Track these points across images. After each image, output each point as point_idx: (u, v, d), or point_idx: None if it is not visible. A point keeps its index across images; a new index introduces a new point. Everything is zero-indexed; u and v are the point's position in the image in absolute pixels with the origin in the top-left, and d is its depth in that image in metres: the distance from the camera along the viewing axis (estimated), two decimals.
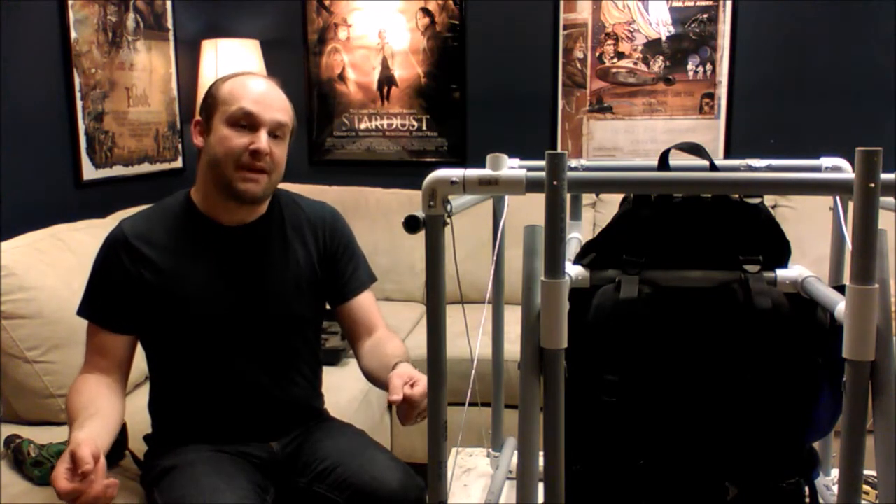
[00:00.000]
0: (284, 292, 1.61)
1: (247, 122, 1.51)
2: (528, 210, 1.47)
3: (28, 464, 1.61)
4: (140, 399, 2.01)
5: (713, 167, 1.29)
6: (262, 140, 1.50)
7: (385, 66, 3.42)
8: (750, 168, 1.48)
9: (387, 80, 3.43)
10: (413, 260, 3.13)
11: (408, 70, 3.40)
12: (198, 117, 1.58)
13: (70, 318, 1.95)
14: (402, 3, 3.35)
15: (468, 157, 3.38)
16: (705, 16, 3.15)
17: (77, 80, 2.57)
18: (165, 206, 1.62)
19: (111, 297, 1.56)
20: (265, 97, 1.54)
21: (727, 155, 3.20)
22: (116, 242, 1.56)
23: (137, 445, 1.67)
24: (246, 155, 1.50)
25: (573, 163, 1.47)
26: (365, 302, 1.72)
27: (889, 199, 1.18)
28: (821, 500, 1.40)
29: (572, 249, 1.42)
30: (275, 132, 1.53)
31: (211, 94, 1.56)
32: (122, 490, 1.62)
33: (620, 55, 3.24)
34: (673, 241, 1.22)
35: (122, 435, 1.71)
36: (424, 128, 3.44)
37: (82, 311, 1.59)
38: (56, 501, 1.54)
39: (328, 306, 1.72)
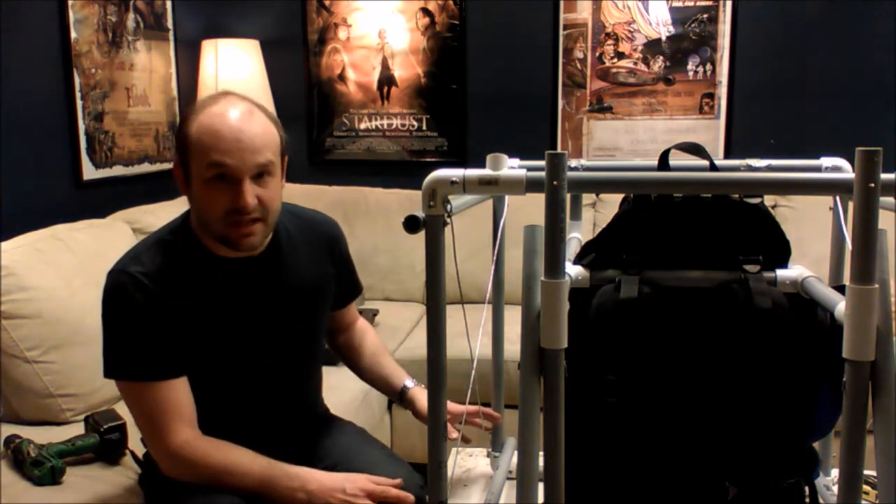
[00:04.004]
0: (303, 312, 1.57)
1: (223, 174, 1.35)
2: (528, 210, 1.47)
3: (28, 464, 1.61)
4: None
5: (713, 167, 1.29)
6: (245, 196, 1.34)
7: (385, 66, 3.42)
8: (750, 168, 1.48)
9: (387, 80, 3.43)
10: (413, 260, 3.13)
11: (408, 70, 3.40)
12: (176, 159, 1.43)
13: (70, 318, 1.95)
14: (402, 3, 3.35)
15: (468, 157, 3.38)
16: (705, 16, 3.15)
17: (77, 80, 2.57)
18: (165, 243, 1.46)
19: (149, 342, 1.39)
20: (239, 141, 1.34)
21: (727, 155, 3.20)
22: (128, 285, 1.38)
23: (138, 445, 1.67)
24: (231, 212, 1.36)
25: (573, 163, 1.47)
26: (351, 306, 1.78)
27: (889, 199, 1.18)
28: (821, 500, 1.40)
29: (572, 249, 1.42)
30: (260, 172, 1.38)
31: (183, 135, 1.39)
32: (123, 490, 1.62)
33: (620, 55, 3.24)
34: (673, 241, 1.22)
35: (122, 434, 1.72)
36: (424, 128, 3.44)
37: (123, 373, 1.40)
38: (56, 501, 1.55)
39: None
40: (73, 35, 2.55)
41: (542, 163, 1.05)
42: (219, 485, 1.39)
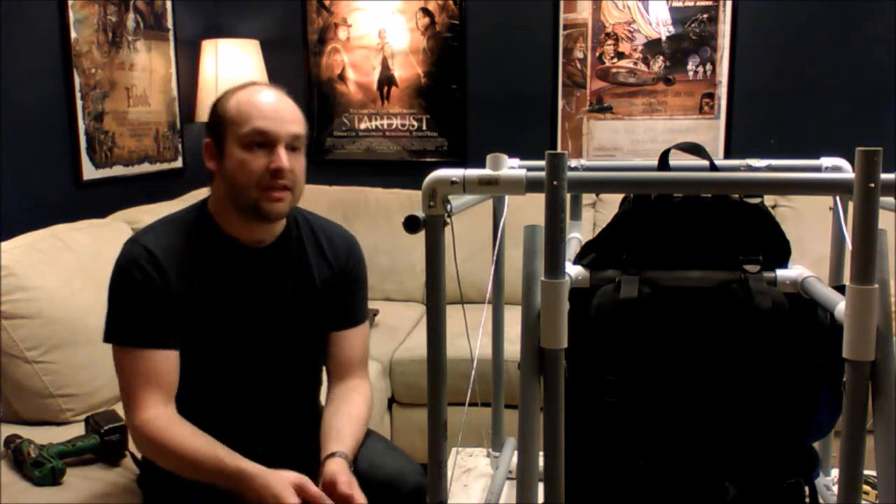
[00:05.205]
0: (306, 313, 1.58)
1: (262, 140, 1.44)
2: (528, 210, 1.47)
3: (28, 464, 1.61)
4: None
5: (713, 167, 1.29)
6: (282, 158, 1.44)
7: (385, 66, 3.42)
8: (750, 168, 1.48)
9: (387, 80, 3.43)
10: (413, 260, 3.13)
11: (408, 70, 3.40)
12: (207, 139, 1.51)
13: (70, 318, 1.95)
14: (402, 3, 3.35)
15: (468, 157, 3.38)
16: (705, 16, 3.15)
17: (77, 80, 2.57)
18: (183, 222, 1.53)
19: (149, 312, 1.44)
20: (277, 111, 1.46)
21: (727, 155, 3.20)
22: (139, 257, 1.45)
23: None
24: (267, 176, 1.44)
25: (573, 163, 1.47)
26: (355, 338, 1.64)
27: (889, 199, 1.18)
28: (821, 500, 1.40)
29: (572, 249, 1.42)
30: (292, 145, 1.47)
31: (217, 113, 1.49)
32: (122, 491, 1.62)
33: (620, 55, 3.23)
34: (673, 241, 1.22)
35: (122, 435, 1.71)
36: (424, 128, 3.44)
37: (119, 337, 1.46)
38: (56, 502, 1.55)
39: None
40: (73, 35, 2.55)
41: (542, 163, 1.05)
42: (175, 468, 1.41)
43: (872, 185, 0.96)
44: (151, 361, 1.44)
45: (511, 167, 1.20)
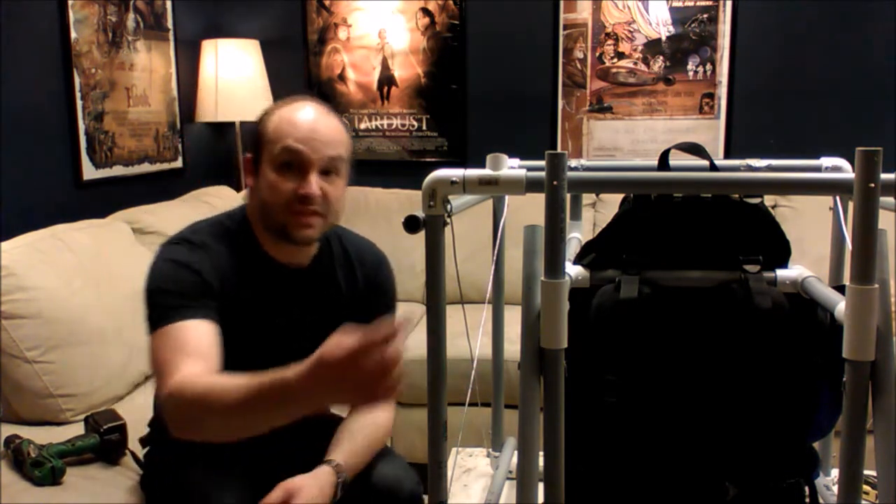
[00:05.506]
0: (335, 327, 1.56)
1: (294, 161, 1.39)
2: (528, 210, 1.47)
3: (28, 464, 1.61)
4: (139, 399, 2.02)
5: (713, 167, 1.29)
6: (311, 184, 1.38)
7: (385, 66, 3.42)
8: (750, 168, 1.48)
9: (387, 80, 3.43)
10: (413, 260, 3.13)
11: (408, 70, 3.40)
12: (248, 154, 1.48)
13: (70, 318, 1.95)
14: (402, 3, 3.35)
15: (468, 157, 3.38)
16: (705, 16, 3.15)
17: (77, 80, 2.57)
18: (223, 227, 1.48)
19: (184, 289, 1.36)
20: (314, 132, 1.40)
21: (727, 155, 3.20)
22: (182, 244, 1.42)
23: (138, 446, 1.67)
24: (295, 200, 1.39)
25: (573, 163, 1.47)
26: None
27: (889, 199, 1.18)
28: (821, 500, 1.40)
29: (572, 249, 1.42)
30: (327, 168, 1.41)
31: (258, 129, 1.45)
32: (122, 490, 1.62)
33: (620, 55, 3.23)
34: (673, 241, 1.22)
35: (122, 435, 1.71)
36: (424, 128, 3.44)
37: (154, 321, 1.34)
38: (56, 501, 1.55)
39: None
40: (73, 35, 2.55)
41: (542, 163, 1.05)
42: (206, 414, 1.20)
43: (872, 185, 0.96)
44: (187, 332, 1.31)
45: (511, 167, 1.20)
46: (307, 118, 1.42)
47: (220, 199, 3.00)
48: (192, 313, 1.34)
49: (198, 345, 1.30)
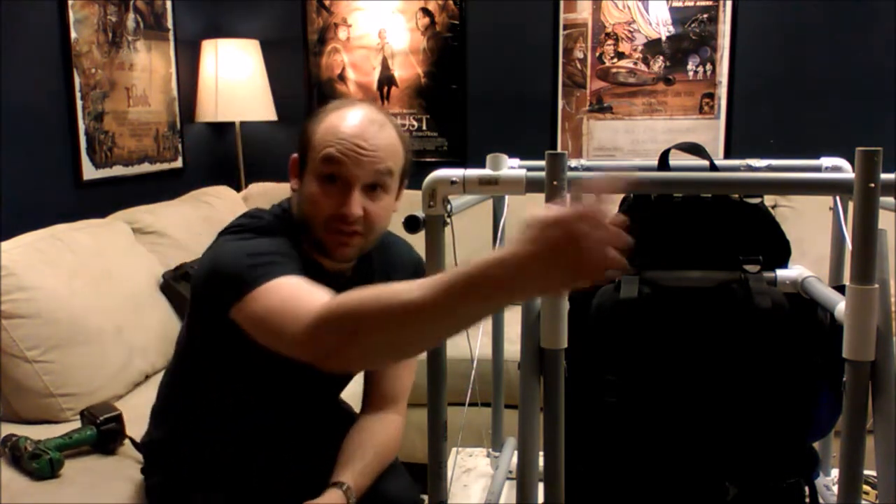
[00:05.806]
0: None
1: (336, 175, 1.30)
2: (528, 210, 1.47)
3: (26, 458, 1.61)
4: (140, 398, 2.01)
5: (713, 167, 1.29)
6: (353, 204, 1.29)
7: (385, 66, 3.42)
8: (750, 168, 1.48)
9: (387, 80, 3.43)
10: None
11: (408, 70, 3.40)
12: (295, 154, 1.39)
13: (70, 318, 1.95)
14: (402, 3, 3.35)
15: (468, 157, 3.38)
16: (705, 16, 3.15)
17: (77, 80, 2.57)
18: (271, 225, 1.38)
19: (284, 246, 1.29)
20: (361, 143, 1.30)
21: (727, 155, 3.19)
22: (245, 223, 1.36)
23: (136, 432, 1.64)
24: (335, 218, 1.30)
25: (573, 163, 1.47)
26: (402, 369, 1.55)
27: (889, 199, 1.18)
28: (821, 500, 1.40)
29: None
30: (374, 182, 1.32)
31: (306, 130, 1.36)
32: (122, 480, 1.62)
33: (620, 55, 3.23)
34: (673, 240, 1.22)
35: (119, 424, 1.71)
36: (424, 128, 3.44)
37: (264, 276, 1.20)
38: (56, 495, 1.54)
39: None
40: (73, 35, 2.55)
41: (542, 163, 1.05)
42: (371, 321, 1.00)
43: (872, 185, 0.96)
44: (298, 280, 1.19)
45: (511, 167, 1.20)
46: (354, 125, 1.31)
47: (219, 199, 3.00)
48: (293, 270, 1.22)
49: (315, 287, 1.16)
